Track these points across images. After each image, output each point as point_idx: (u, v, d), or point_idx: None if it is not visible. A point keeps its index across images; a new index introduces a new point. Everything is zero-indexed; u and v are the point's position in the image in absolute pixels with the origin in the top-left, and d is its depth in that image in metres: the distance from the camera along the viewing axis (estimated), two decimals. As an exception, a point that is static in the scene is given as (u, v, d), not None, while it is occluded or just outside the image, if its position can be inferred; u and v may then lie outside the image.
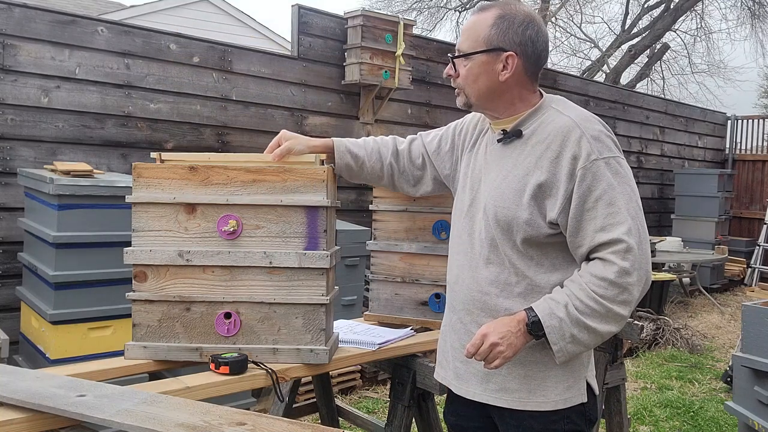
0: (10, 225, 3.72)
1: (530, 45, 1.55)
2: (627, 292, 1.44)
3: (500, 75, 1.55)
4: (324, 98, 5.21)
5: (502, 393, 1.57)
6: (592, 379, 1.63)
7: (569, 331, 1.45)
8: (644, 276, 1.46)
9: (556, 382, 1.54)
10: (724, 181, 8.58)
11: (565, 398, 1.55)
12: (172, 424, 1.30)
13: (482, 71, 1.56)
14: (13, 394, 1.43)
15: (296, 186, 1.79)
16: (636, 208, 1.48)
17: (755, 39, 14.69)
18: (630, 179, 1.50)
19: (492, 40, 1.54)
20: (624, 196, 1.47)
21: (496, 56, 1.54)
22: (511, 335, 1.47)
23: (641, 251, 1.45)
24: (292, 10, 5.12)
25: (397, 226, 2.37)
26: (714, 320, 6.78)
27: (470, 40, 1.57)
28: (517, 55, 1.54)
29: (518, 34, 1.54)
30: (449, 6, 15.74)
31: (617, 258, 1.44)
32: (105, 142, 4.11)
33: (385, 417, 2.59)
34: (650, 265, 1.49)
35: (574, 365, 1.56)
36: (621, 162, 1.50)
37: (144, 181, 1.82)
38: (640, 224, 1.47)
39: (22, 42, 3.78)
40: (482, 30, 1.55)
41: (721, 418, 4.04)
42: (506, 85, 1.57)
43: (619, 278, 1.43)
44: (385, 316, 2.38)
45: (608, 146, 1.50)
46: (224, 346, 1.81)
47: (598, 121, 1.56)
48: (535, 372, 1.55)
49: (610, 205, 1.46)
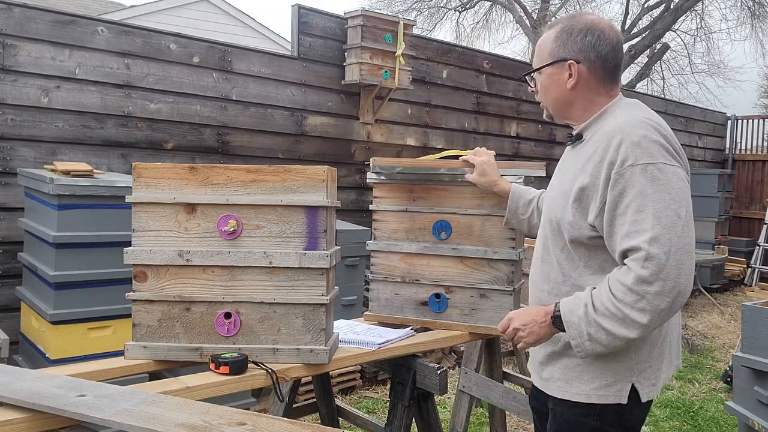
0: (10, 225, 3.72)
1: (591, 50, 1.61)
2: (645, 300, 1.42)
3: (567, 83, 1.63)
4: (324, 98, 5.21)
5: (548, 381, 1.67)
6: (644, 386, 1.57)
7: (586, 329, 1.49)
8: (671, 286, 1.41)
9: (593, 378, 1.57)
10: (724, 181, 8.58)
11: (600, 394, 1.57)
12: (172, 424, 1.30)
13: (551, 83, 1.67)
14: (13, 394, 1.43)
15: (296, 186, 1.79)
16: (672, 216, 1.43)
17: (755, 39, 14.70)
18: (672, 186, 1.45)
19: (555, 52, 1.64)
20: (657, 204, 1.43)
21: (560, 67, 1.64)
22: (535, 324, 1.59)
23: (671, 261, 1.41)
24: (292, 10, 5.12)
25: (397, 226, 2.36)
26: (714, 320, 6.78)
27: (539, 57, 1.69)
28: (579, 62, 1.61)
29: (577, 42, 1.61)
30: (449, 6, 15.75)
31: (636, 265, 1.43)
32: (105, 142, 4.11)
33: (385, 417, 2.59)
34: (686, 277, 1.43)
35: (617, 365, 1.56)
36: (663, 168, 1.46)
37: (144, 181, 1.82)
38: (675, 233, 1.42)
39: (22, 42, 3.78)
40: (547, 45, 1.66)
41: (721, 418, 4.04)
42: (575, 92, 1.64)
43: (636, 285, 1.42)
44: (385, 316, 2.38)
45: (649, 152, 1.47)
46: (224, 346, 1.81)
47: (651, 126, 1.51)
48: (574, 364, 1.60)
49: (638, 212, 1.45)
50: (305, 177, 1.80)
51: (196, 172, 1.81)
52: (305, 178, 1.80)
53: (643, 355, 1.57)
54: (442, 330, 2.30)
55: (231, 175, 1.80)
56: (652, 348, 1.58)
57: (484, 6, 15.98)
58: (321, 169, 1.80)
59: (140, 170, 1.83)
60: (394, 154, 5.67)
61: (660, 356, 1.60)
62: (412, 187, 2.34)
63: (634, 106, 1.61)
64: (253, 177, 1.80)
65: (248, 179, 1.80)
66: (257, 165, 1.82)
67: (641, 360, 1.57)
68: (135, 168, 1.83)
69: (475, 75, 6.43)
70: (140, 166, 1.83)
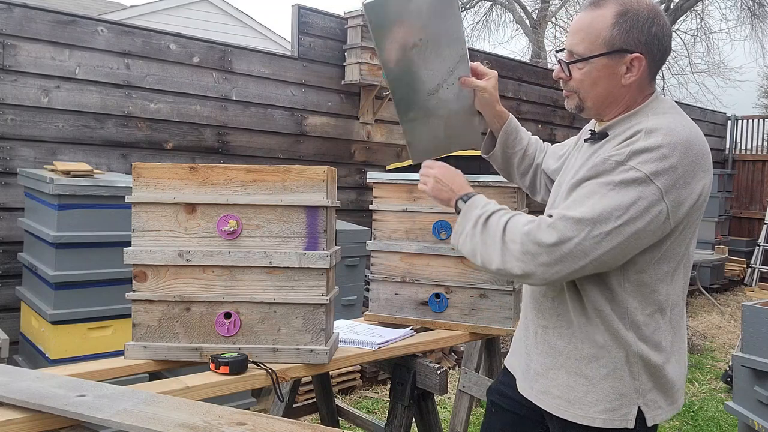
0: (10, 225, 3.72)
1: (656, 43, 1.40)
2: (521, 251, 1.35)
3: (623, 78, 1.41)
4: (324, 98, 5.21)
5: (545, 396, 1.53)
6: (651, 408, 1.46)
7: (471, 229, 1.46)
8: (545, 264, 1.32)
9: (598, 401, 1.45)
10: (724, 181, 8.58)
11: (605, 418, 1.45)
12: (172, 424, 1.30)
13: (602, 75, 1.42)
14: (13, 394, 1.43)
15: (296, 186, 1.79)
16: (611, 219, 1.29)
17: (755, 39, 14.68)
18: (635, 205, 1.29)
19: (614, 41, 1.38)
20: (608, 201, 1.30)
21: (619, 58, 1.39)
22: (445, 189, 1.58)
23: (568, 249, 1.30)
24: (292, 10, 5.12)
25: (397, 226, 2.37)
26: (714, 320, 6.78)
27: (587, 42, 1.41)
28: (644, 56, 1.39)
29: (644, 33, 1.38)
30: (449, 6, 15.73)
31: (545, 224, 1.34)
32: (105, 142, 4.11)
33: (385, 417, 2.59)
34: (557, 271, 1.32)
35: (621, 387, 1.45)
36: (644, 182, 1.29)
37: (144, 181, 1.82)
38: (594, 235, 1.29)
39: (22, 42, 3.78)
40: (602, 30, 1.39)
41: (721, 418, 4.04)
42: (627, 88, 1.43)
43: (528, 236, 1.35)
44: (385, 316, 2.38)
45: (643, 161, 1.30)
46: (224, 346, 1.81)
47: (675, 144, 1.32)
48: (579, 385, 1.48)
49: (585, 197, 1.34)
50: (305, 177, 1.80)
51: (196, 172, 1.81)
52: (305, 178, 1.80)
53: (649, 379, 1.46)
54: (442, 330, 2.31)
55: (231, 175, 1.80)
56: (659, 373, 1.46)
57: (484, 6, 15.99)
58: (321, 169, 1.81)
59: (140, 170, 1.83)
60: (394, 154, 5.67)
61: (666, 383, 1.48)
62: (412, 187, 2.34)
63: (669, 109, 1.43)
64: (253, 177, 1.80)
65: (248, 179, 1.80)
66: (257, 165, 1.82)
67: (648, 383, 1.45)
68: (135, 168, 1.83)
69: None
70: (140, 166, 1.83)
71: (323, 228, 1.80)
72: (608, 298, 1.43)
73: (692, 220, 1.40)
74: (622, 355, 1.44)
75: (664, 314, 1.45)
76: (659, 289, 1.42)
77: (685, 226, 1.39)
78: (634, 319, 1.42)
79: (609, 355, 1.44)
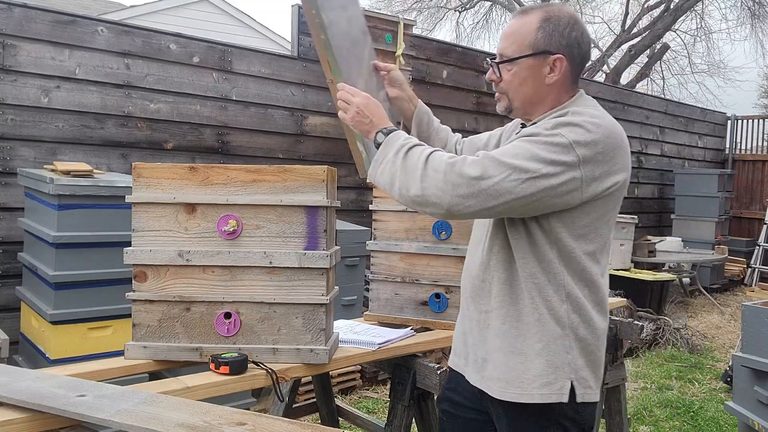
0: (10, 225, 3.72)
1: (576, 46, 1.54)
2: (431, 174, 1.44)
3: (547, 78, 1.55)
4: (324, 98, 5.20)
5: (489, 381, 1.58)
6: (581, 385, 1.53)
7: (393, 157, 1.51)
8: (464, 196, 1.41)
9: (535, 377, 1.52)
10: (724, 181, 8.57)
11: (542, 393, 1.51)
12: (172, 424, 1.30)
13: (529, 75, 1.55)
14: (13, 394, 1.43)
15: (296, 186, 1.79)
16: (530, 170, 1.40)
17: (755, 39, 14.69)
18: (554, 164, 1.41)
19: (539, 43, 1.53)
20: (531, 153, 1.41)
21: (543, 59, 1.54)
22: (367, 119, 1.60)
23: (487, 186, 1.40)
24: (292, 10, 5.12)
25: (397, 226, 2.37)
26: (714, 320, 6.78)
27: (516, 44, 1.56)
28: (565, 57, 1.53)
29: (564, 36, 1.53)
30: (449, 6, 15.75)
31: (471, 159, 1.44)
32: (105, 142, 4.11)
33: (385, 417, 2.59)
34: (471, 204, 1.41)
35: (559, 362, 1.52)
36: (565, 147, 1.41)
37: (144, 181, 1.82)
38: (514, 177, 1.40)
39: (22, 42, 3.78)
40: (528, 33, 1.54)
41: (721, 418, 4.04)
42: (551, 88, 1.56)
43: (452, 168, 1.43)
44: (385, 316, 2.38)
45: (568, 131, 1.43)
46: (224, 346, 1.81)
47: (598, 125, 1.46)
48: (516, 363, 1.54)
49: (511, 148, 1.46)
50: (305, 177, 1.80)
51: (196, 172, 1.81)
52: (305, 178, 1.80)
53: (580, 355, 1.53)
54: (442, 330, 2.31)
55: (231, 175, 1.80)
56: (588, 349, 1.54)
57: (484, 6, 15.99)
58: (321, 169, 1.80)
59: (140, 170, 1.83)
60: (394, 154, 5.66)
61: (595, 362, 1.56)
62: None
63: (595, 107, 1.56)
64: (253, 177, 1.80)
65: (248, 179, 1.80)
66: (257, 165, 1.82)
67: (579, 357, 1.53)
68: (135, 168, 1.83)
69: (475, 75, 6.42)
70: (140, 166, 1.83)
71: (323, 228, 1.80)
72: (544, 270, 1.51)
73: (609, 207, 1.52)
74: (556, 329, 1.51)
75: (594, 294, 1.55)
76: (588, 268, 1.52)
77: (603, 210, 1.50)
78: (569, 292, 1.51)
79: (544, 329, 1.52)
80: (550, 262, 1.51)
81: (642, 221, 8.50)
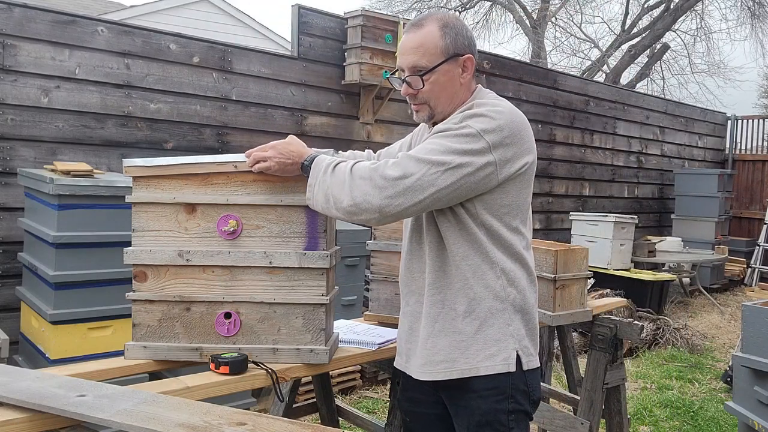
0: (10, 225, 3.72)
1: (473, 44, 1.69)
2: (359, 183, 1.53)
3: (461, 78, 1.67)
4: (324, 98, 5.21)
5: (432, 366, 1.64)
6: (524, 354, 1.63)
7: (320, 173, 1.61)
8: (388, 198, 1.50)
9: (478, 351, 1.60)
10: (724, 181, 8.57)
11: (487, 365, 1.59)
12: (172, 424, 1.30)
13: (447, 79, 1.65)
14: (13, 394, 1.43)
15: (296, 186, 1.79)
16: (446, 162, 1.50)
17: (755, 39, 14.68)
18: (468, 153, 1.51)
19: (449, 48, 1.63)
20: (445, 147, 1.52)
21: (455, 62, 1.65)
22: (290, 161, 1.69)
23: (404, 181, 1.49)
24: (292, 10, 5.12)
25: (398, 225, 2.36)
26: (714, 320, 6.78)
27: (428, 55, 1.63)
28: (472, 55, 1.67)
29: (464, 37, 1.65)
30: (449, 6, 15.73)
31: (381, 162, 1.55)
32: (105, 142, 4.11)
33: (385, 417, 2.59)
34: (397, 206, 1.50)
35: (500, 335, 1.60)
36: (475, 136, 1.52)
37: (144, 181, 1.82)
38: (432, 171, 1.50)
39: (22, 42, 3.78)
40: (435, 42, 1.63)
41: (721, 418, 4.04)
42: (463, 87, 1.68)
43: (376, 171, 1.53)
44: (385, 316, 2.38)
45: (475, 122, 1.55)
46: (224, 346, 1.81)
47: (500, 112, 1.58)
48: (458, 342, 1.61)
49: (426, 145, 1.56)
50: (305, 177, 1.79)
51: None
52: (305, 178, 1.79)
53: (521, 325, 1.63)
54: (442, 330, 2.30)
55: (231, 175, 1.80)
56: (526, 317, 1.65)
57: (484, 6, 15.98)
58: (321, 169, 1.80)
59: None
60: (394, 154, 5.66)
61: (533, 329, 1.67)
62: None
63: (495, 98, 1.68)
64: (254, 177, 1.80)
65: (248, 179, 1.80)
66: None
67: (519, 328, 1.63)
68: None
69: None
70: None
71: (323, 228, 1.80)
72: (477, 251, 1.60)
73: (524, 185, 1.64)
74: (495, 303, 1.60)
75: (524, 266, 1.65)
76: (515, 243, 1.63)
77: (519, 188, 1.62)
78: (503, 268, 1.61)
79: (481, 305, 1.60)
80: (480, 243, 1.59)
81: (642, 221, 8.50)
